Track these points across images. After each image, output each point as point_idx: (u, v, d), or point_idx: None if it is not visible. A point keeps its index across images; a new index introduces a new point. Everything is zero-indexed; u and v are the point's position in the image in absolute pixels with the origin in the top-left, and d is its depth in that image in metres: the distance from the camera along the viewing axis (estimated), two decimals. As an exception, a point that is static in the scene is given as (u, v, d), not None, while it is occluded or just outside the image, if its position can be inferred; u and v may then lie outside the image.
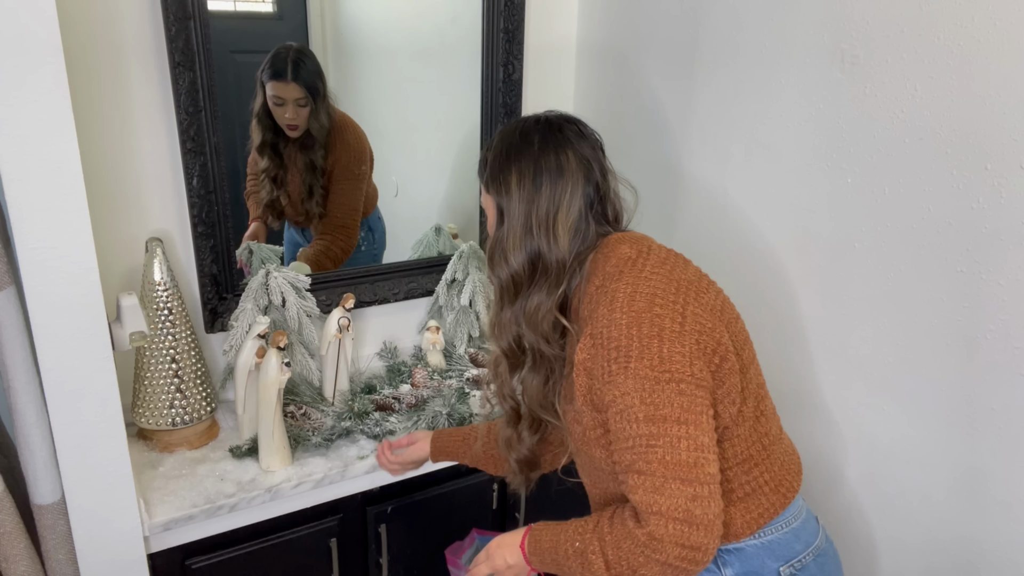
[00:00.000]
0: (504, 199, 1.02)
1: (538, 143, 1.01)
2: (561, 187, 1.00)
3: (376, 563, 1.52)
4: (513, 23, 1.72)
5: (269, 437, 1.35)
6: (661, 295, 0.93)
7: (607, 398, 0.93)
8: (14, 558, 1.17)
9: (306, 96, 1.51)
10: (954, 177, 1.17)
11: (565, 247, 1.01)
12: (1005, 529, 1.19)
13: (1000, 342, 1.15)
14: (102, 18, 1.33)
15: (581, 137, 1.04)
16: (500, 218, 1.04)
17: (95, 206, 1.09)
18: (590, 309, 0.98)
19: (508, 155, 1.03)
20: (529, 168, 1.00)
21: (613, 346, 0.91)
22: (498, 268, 1.05)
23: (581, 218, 1.02)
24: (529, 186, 1.00)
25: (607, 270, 0.99)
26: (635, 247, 1.01)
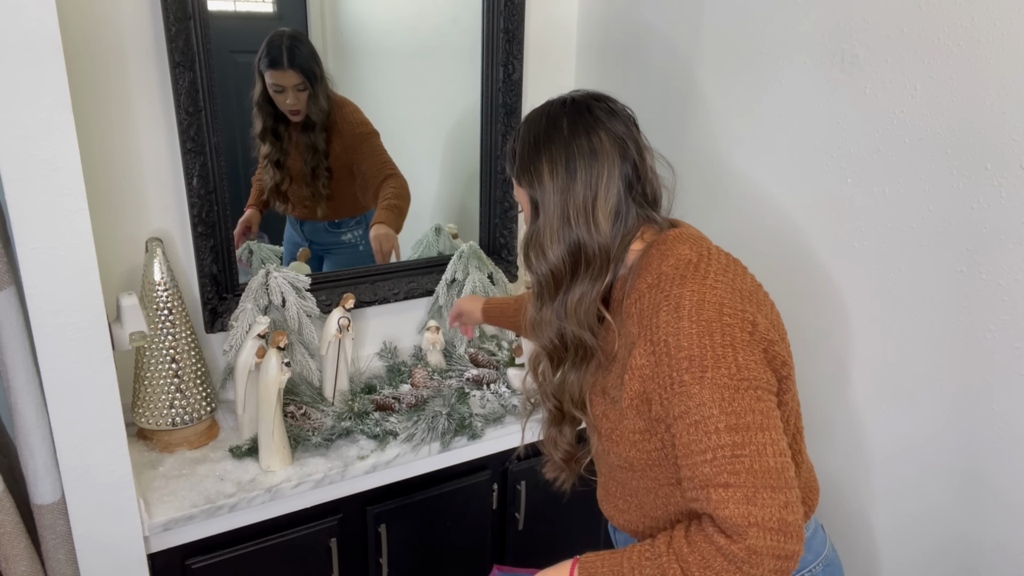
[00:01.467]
0: (537, 191, 0.97)
1: (567, 127, 0.96)
2: (597, 171, 0.94)
3: (376, 563, 1.52)
4: (513, 23, 1.72)
5: (269, 437, 1.35)
6: (728, 304, 0.90)
7: (676, 409, 0.88)
8: (14, 558, 1.17)
9: (304, 81, 1.52)
10: (954, 177, 1.17)
11: (607, 233, 0.95)
12: (1005, 529, 1.19)
13: (1000, 342, 1.15)
14: (102, 18, 1.33)
15: (612, 115, 0.98)
16: (535, 211, 0.98)
17: (95, 206, 1.09)
18: (640, 308, 0.93)
19: (537, 144, 0.97)
20: (560, 155, 0.95)
21: (683, 356, 0.87)
22: (536, 263, 0.99)
23: (621, 201, 0.96)
24: (563, 174, 0.95)
25: (663, 270, 0.94)
26: (695, 249, 0.96)
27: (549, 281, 0.99)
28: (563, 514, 1.77)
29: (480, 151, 1.83)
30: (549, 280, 0.99)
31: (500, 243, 1.89)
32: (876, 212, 1.29)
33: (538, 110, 1.01)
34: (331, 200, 1.67)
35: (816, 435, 1.46)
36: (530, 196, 0.99)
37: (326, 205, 1.67)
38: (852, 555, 1.44)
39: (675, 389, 0.88)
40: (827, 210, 1.37)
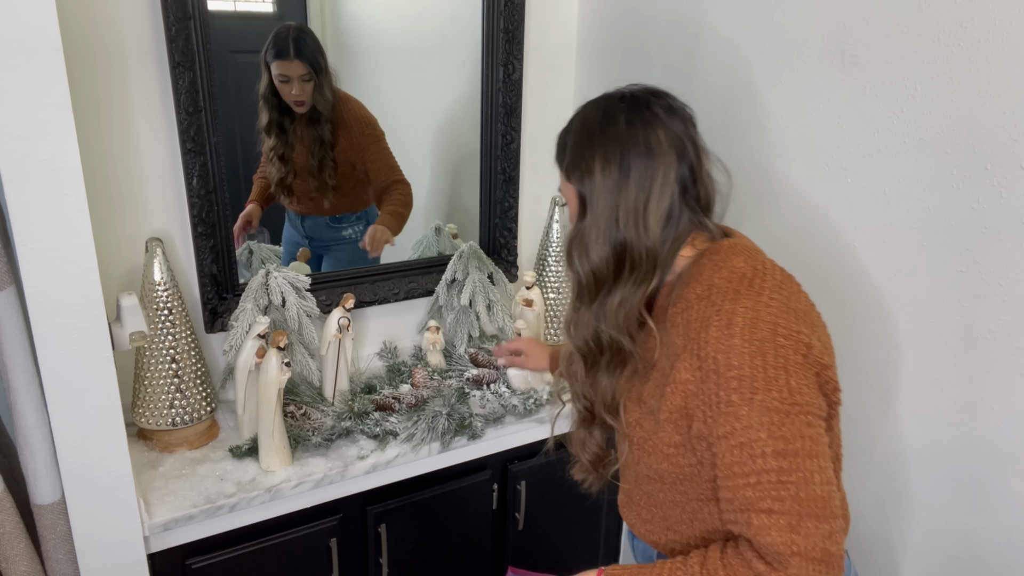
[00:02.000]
0: (587, 187, 0.93)
1: (624, 122, 0.91)
2: (652, 171, 0.90)
3: (376, 563, 1.52)
4: (513, 23, 1.72)
5: (269, 437, 1.35)
6: (783, 325, 0.86)
7: (721, 429, 0.85)
8: (14, 558, 1.17)
9: (309, 71, 1.54)
10: (954, 177, 1.17)
11: (656, 236, 0.91)
12: (1005, 529, 1.19)
13: (1000, 342, 1.15)
14: (102, 18, 1.33)
15: (671, 112, 0.93)
16: (582, 208, 0.94)
17: (95, 206, 1.09)
18: (687, 319, 0.90)
19: (590, 138, 0.93)
20: (615, 151, 0.91)
21: (733, 375, 0.84)
22: (578, 262, 0.95)
23: (674, 204, 0.92)
24: (615, 172, 0.91)
25: (715, 282, 0.90)
26: (750, 262, 0.92)
27: (590, 281, 0.95)
28: (563, 514, 1.78)
29: (480, 151, 1.83)
30: (590, 280, 0.95)
31: (500, 243, 1.89)
32: (876, 212, 1.29)
33: (593, 102, 0.97)
34: (336, 191, 1.68)
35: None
36: (578, 192, 0.95)
37: (332, 196, 1.68)
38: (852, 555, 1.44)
39: (721, 408, 0.85)
40: (827, 210, 1.37)
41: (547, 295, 1.85)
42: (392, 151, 1.76)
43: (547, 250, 1.86)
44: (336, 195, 1.69)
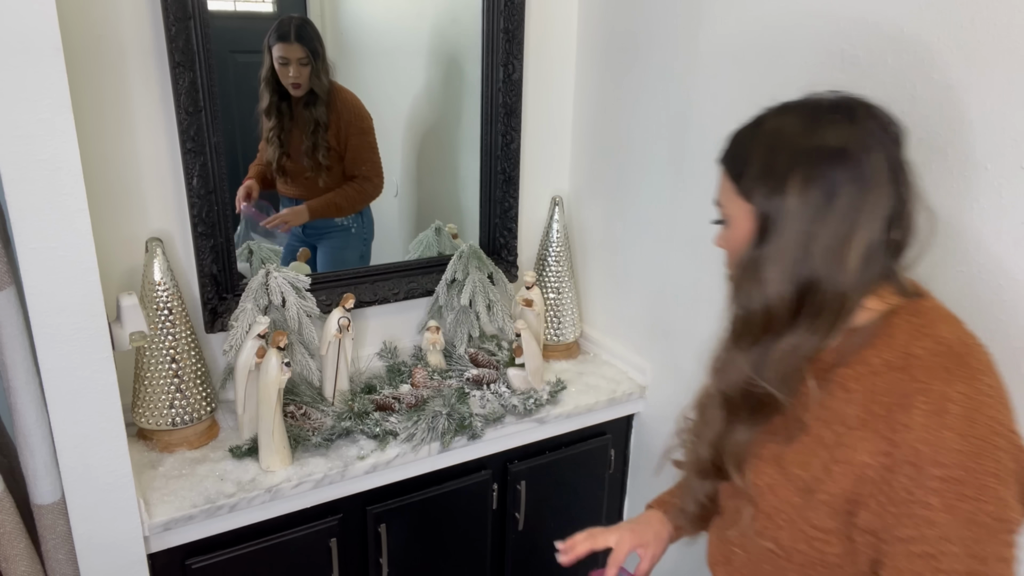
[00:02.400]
0: (775, 208, 0.79)
1: (836, 138, 0.78)
2: (862, 201, 0.77)
3: (376, 563, 1.52)
4: (513, 23, 1.72)
5: (269, 437, 1.35)
6: (1003, 423, 0.74)
7: (904, 531, 0.73)
8: (14, 558, 1.17)
9: (307, 55, 1.59)
10: (954, 177, 1.17)
11: (853, 278, 0.78)
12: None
13: (1000, 342, 1.15)
14: (102, 18, 1.33)
15: (886, 131, 0.81)
16: (763, 230, 0.80)
17: (95, 206, 1.09)
18: (873, 389, 0.78)
19: (790, 150, 0.79)
20: (822, 172, 0.77)
21: (937, 475, 0.72)
22: (748, 295, 0.82)
23: (876, 243, 0.78)
24: (819, 196, 0.77)
25: (915, 351, 0.77)
26: (956, 333, 0.80)
27: (758, 320, 0.81)
28: (563, 514, 1.78)
29: (480, 151, 1.83)
30: (759, 319, 0.81)
31: (500, 243, 1.89)
32: (876, 212, 1.29)
33: (792, 107, 0.83)
34: (330, 172, 1.71)
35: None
36: (761, 210, 0.81)
37: (326, 176, 1.71)
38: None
39: (912, 509, 0.73)
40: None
41: (547, 295, 1.85)
42: (391, 151, 1.76)
43: (547, 250, 1.86)
44: (329, 176, 1.72)
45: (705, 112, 1.58)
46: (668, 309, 1.70)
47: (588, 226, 1.94)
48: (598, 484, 1.82)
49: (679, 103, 1.63)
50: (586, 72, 1.89)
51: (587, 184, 1.92)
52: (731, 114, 1.53)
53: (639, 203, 1.75)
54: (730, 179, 0.85)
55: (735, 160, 0.86)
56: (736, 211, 0.85)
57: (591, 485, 1.81)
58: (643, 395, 1.79)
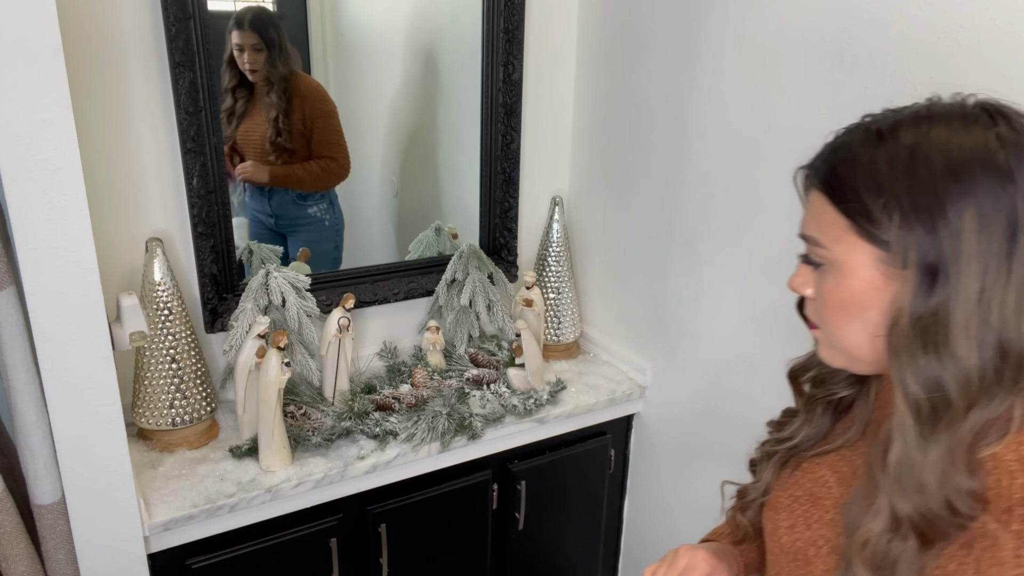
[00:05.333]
0: (948, 253, 0.62)
1: (1013, 161, 0.61)
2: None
3: (376, 563, 1.52)
4: (513, 23, 1.72)
5: (269, 437, 1.35)
6: None
7: None
8: (14, 558, 1.17)
9: (260, 42, 1.60)
10: (954, 177, 1.17)
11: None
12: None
13: (1000, 342, 1.15)
14: (102, 18, 1.33)
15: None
16: (931, 282, 0.63)
17: (95, 206, 1.09)
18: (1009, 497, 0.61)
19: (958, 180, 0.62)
20: (998, 206, 0.61)
21: None
22: (929, 366, 0.63)
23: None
24: (1000, 237, 0.61)
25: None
26: None
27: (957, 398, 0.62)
28: (563, 514, 1.78)
29: (480, 151, 1.83)
30: (958, 397, 0.62)
31: (500, 243, 1.89)
32: (876, 212, 1.29)
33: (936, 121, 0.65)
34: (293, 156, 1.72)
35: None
36: (922, 255, 0.62)
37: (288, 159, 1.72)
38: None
39: None
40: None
41: (547, 295, 1.85)
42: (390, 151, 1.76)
43: (547, 250, 1.86)
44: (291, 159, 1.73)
45: (705, 112, 1.58)
46: (668, 309, 1.70)
47: (588, 226, 1.94)
48: (598, 484, 1.82)
49: (679, 103, 1.63)
50: (586, 72, 1.89)
51: (587, 184, 1.92)
52: (731, 114, 1.53)
53: (639, 203, 1.75)
54: (841, 212, 0.67)
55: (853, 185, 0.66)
56: (849, 256, 0.67)
57: (591, 485, 1.81)
58: (643, 395, 1.79)
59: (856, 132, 0.70)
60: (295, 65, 1.65)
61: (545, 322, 1.85)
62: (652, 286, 1.74)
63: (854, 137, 0.70)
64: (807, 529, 0.79)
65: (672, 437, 1.75)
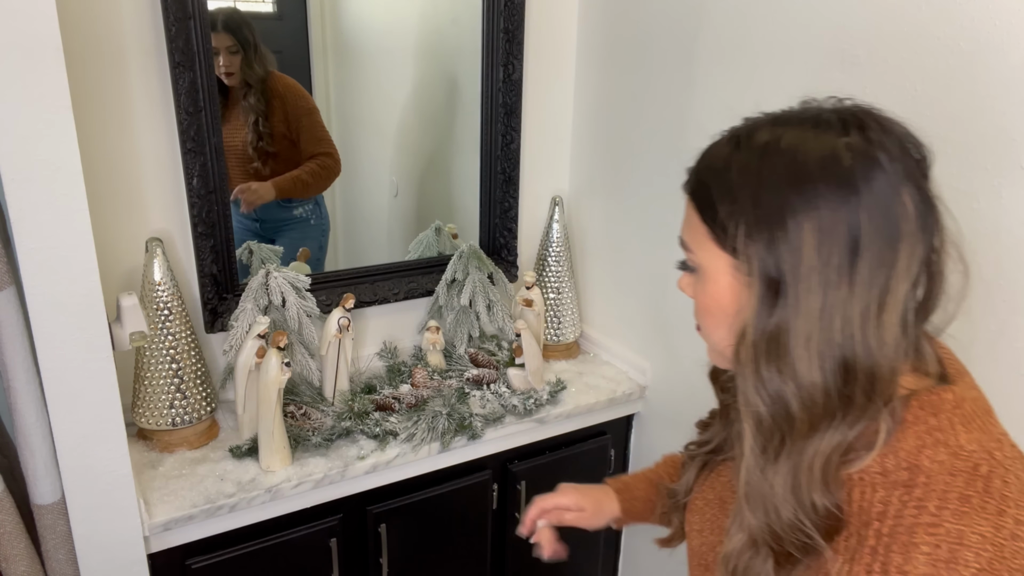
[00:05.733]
0: (787, 267, 0.59)
1: (855, 172, 0.59)
2: (896, 255, 0.59)
3: (376, 563, 1.52)
4: (513, 23, 1.72)
5: (269, 437, 1.35)
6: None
7: None
8: (14, 558, 1.17)
9: (235, 43, 1.57)
10: (954, 177, 1.17)
11: (893, 351, 0.60)
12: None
13: (999, 342, 1.15)
14: (102, 18, 1.33)
15: (908, 155, 0.62)
16: (772, 296, 0.60)
17: (95, 206, 1.09)
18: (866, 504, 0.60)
19: (800, 190, 0.59)
20: (839, 220, 0.58)
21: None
22: (773, 385, 0.60)
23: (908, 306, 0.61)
24: (841, 252, 0.58)
25: (925, 464, 0.59)
26: (982, 439, 0.61)
27: (800, 418, 0.60)
28: (563, 514, 1.77)
29: (480, 151, 1.83)
30: (800, 416, 0.60)
31: (500, 243, 1.89)
32: (876, 212, 1.29)
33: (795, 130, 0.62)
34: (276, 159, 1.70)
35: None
36: (763, 268, 0.60)
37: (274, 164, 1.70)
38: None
39: None
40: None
41: (547, 295, 1.85)
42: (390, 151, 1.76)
43: (547, 250, 1.86)
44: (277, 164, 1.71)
45: (705, 111, 1.58)
46: (668, 309, 1.70)
47: (588, 226, 1.94)
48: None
49: (679, 103, 1.63)
50: (586, 72, 1.89)
51: (587, 184, 1.92)
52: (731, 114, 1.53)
53: (639, 203, 1.75)
54: (702, 219, 0.65)
55: (711, 195, 0.64)
56: (711, 262, 0.65)
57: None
58: (643, 395, 1.79)
59: (722, 138, 0.67)
60: (271, 65, 1.63)
61: (545, 322, 1.85)
62: (652, 286, 1.74)
63: (719, 142, 0.67)
64: (712, 534, 0.77)
65: (672, 437, 1.75)
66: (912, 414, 0.61)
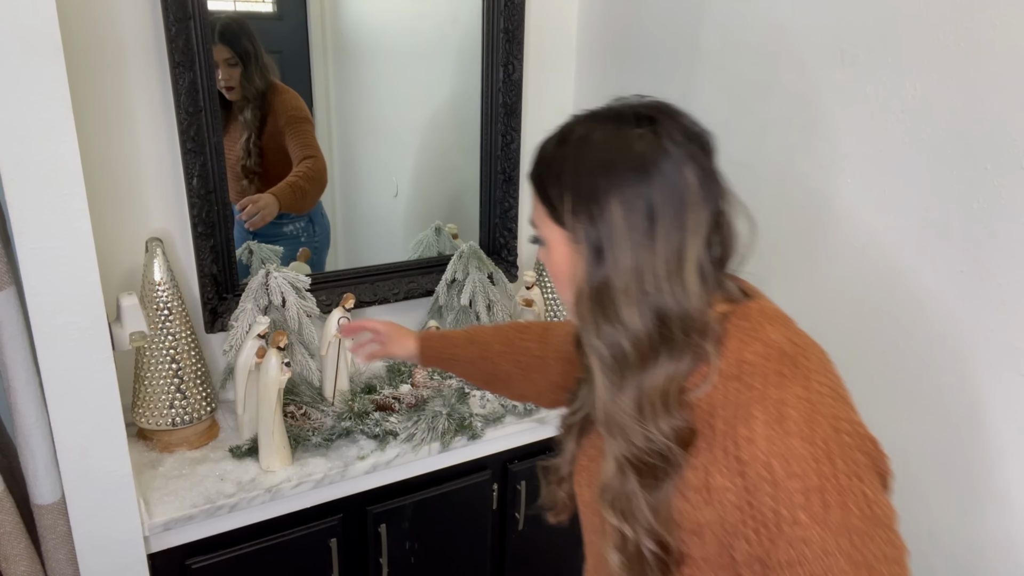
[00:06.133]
0: (603, 234, 0.73)
1: (650, 157, 0.73)
2: (683, 219, 0.73)
3: (376, 563, 1.52)
4: (513, 23, 1.72)
5: (269, 437, 1.35)
6: (844, 418, 0.71)
7: (783, 555, 0.68)
8: (14, 558, 1.17)
9: (233, 56, 1.53)
10: (954, 177, 1.17)
11: (696, 297, 0.74)
12: (1005, 529, 1.19)
13: (1000, 342, 1.15)
14: (102, 18, 1.33)
15: (695, 142, 0.77)
16: (597, 259, 0.75)
17: (95, 206, 1.09)
18: (709, 403, 0.73)
19: (606, 172, 0.74)
20: (639, 194, 0.72)
21: (797, 487, 0.67)
22: (608, 331, 0.74)
23: (704, 259, 0.75)
24: (641, 220, 0.72)
25: (747, 357, 0.73)
26: (786, 334, 0.76)
27: (632, 355, 0.74)
28: (563, 514, 1.77)
29: (480, 151, 1.83)
30: (632, 354, 0.74)
31: (500, 243, 1.89)
32: (876, 212, 1.29)
33: (599, 122, 0.78)
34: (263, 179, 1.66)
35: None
36: (587, 238, 0.74)
37: (259, 183, 1.66)
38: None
39: (784, 530, 0.67)
40: (827, 210, 1.37)
41: (547, 295, 1.85)
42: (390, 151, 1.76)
43: (547, 250, 1.86)
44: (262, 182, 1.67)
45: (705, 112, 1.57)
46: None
47: (588, 226, 1.93)
48: (598, 484, 1.81)
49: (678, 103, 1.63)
50: (586, 72, 1.89)
51: (587, 184, 1.92)
52: (731, 114, 1.53)
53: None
54: (540, 201, 0.79)
55: (545, 181, 0.78)
56: (553, 236, 0.79)
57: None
58: (643, 395, 1.79)
59: (552, 134, 0.82)
60: (272, 74, 1.58)
61: (545, 322, 1.85)
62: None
63: (550, 139, 0.81)
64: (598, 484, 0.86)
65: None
66: (731, 324, 0.76)
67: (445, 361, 1.20)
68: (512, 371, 1.14)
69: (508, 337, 1.16)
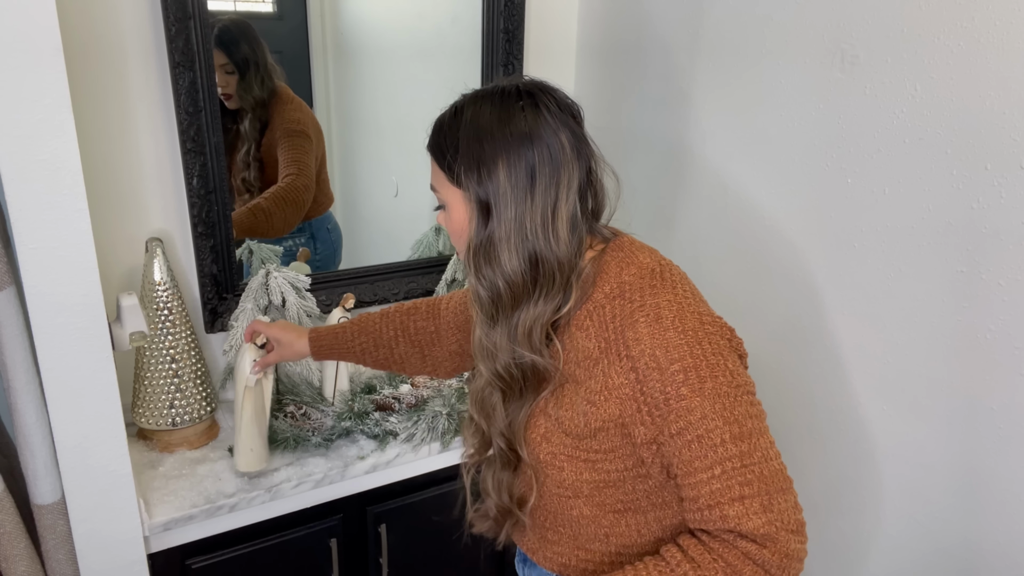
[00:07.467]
0: (491, 191, 0.87)
1: (526, 123, 0.86)
2: (558, 177, 0.87)
3: (376, 563, 1.52)
4: (513, 23, 1.72)
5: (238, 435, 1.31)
6: (705, 312, 0.88)
7: (673, 427, 0.84)
8: (14, 558, 1.17)
9: (229, 63, 1.47)
10: (954, 177, 1.17)
11: (566, 246, 0.88)
12: (1005, 529, 1.19)
13: (1000, 342, 1.15)
14: (102, 18, 1.33)
15: (567, 112, 0.90)
16: (485, 214, 0.88)
17: (95, 206, 1.09)
18: (601, 319, 0.88)
19: (492, 138, 0.87)
20: (520, 156, 0.86)
21: (677, 368, 0.83)
22: (488, 275, 0.89)
23: (576, 212, 0.89)
24: (523, 179, 0.86)
25: (625, 279, 0.89)
26: (654, 257, 0.93)
27: (506, 295, 0.89)
28: (563, 514, 1.77)
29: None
30: (506, 294, 0.89)
31: (500, 243, 1.89)
32: (876, 212, 1.29)
33: (485, 98, 0.90)
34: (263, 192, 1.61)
35: (816, 435, 1.46)
36: (477, 195, 0.88)
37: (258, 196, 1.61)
38: (851, 555, 1.44)
39: (671, 405, 0.83)
40: (827, 210, 1.37)
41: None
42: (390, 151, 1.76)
43: (547, 250, 1.85)
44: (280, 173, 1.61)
45: (705, 112, 1.58)
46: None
47: (588, 226, 1.94)
48: (598, 484, 1.81)
49: (678, 102, 1.63)
50: (586, 72, 1.89)
51: (587, 184, 1.92)
52: (731, 114, 1.53)
53: (639, 203, 1.75)
54: (439, 166, 0.92)
55: (442, 149, 0.91)
56: (450, 197, 0.92)
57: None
58: (643, 395, 1.79)
59: (448, 109, 0.93)
60: (278, 78, 1.51)
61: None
62: (652, 286, 1.74)
63: (446, 112, 0.93)
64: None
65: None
66: (609, 256, 0.92)
67: (339, 354, 1.30)
68: (408, 351, 1.26)
69: (400, 321, 1.27)
